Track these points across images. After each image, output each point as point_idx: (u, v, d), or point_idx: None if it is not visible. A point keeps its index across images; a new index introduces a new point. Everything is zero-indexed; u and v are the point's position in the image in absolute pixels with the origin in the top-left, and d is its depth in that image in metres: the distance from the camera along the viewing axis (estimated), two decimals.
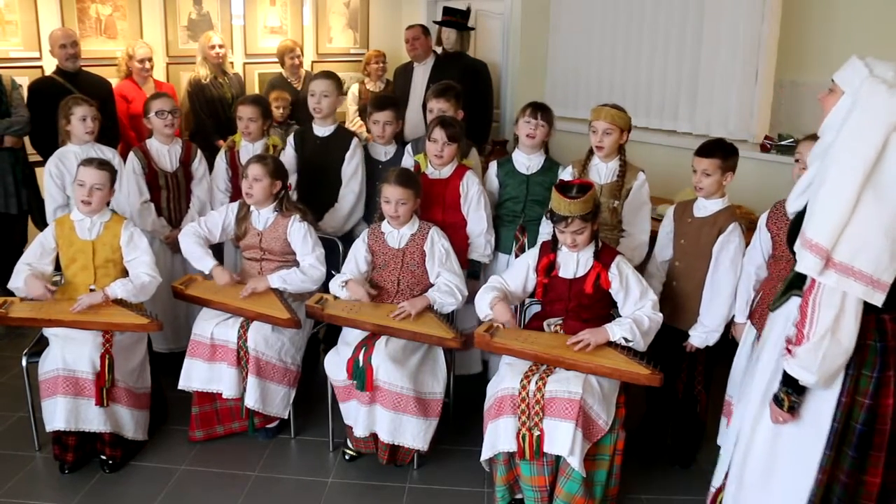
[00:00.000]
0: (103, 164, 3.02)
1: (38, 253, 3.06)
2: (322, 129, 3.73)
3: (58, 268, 3.12)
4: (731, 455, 2.28)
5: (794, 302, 2.06)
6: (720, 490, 2.34)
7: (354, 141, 3.69)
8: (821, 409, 1.98)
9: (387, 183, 3.04)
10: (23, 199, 4.15)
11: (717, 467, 2.45)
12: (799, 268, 1.91)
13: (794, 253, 2.01)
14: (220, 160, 3.79)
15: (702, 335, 2.84)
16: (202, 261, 3.25)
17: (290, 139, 3.77)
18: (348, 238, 3.58)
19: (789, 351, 1.94)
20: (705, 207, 2.87)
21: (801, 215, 2.01)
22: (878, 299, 1.85)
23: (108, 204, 3.09)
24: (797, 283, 2.04)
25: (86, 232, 3.04)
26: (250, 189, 3.19)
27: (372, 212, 3.53)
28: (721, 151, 2.81)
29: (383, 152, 3.77)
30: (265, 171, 3.19)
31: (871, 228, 1.82)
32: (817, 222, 1.87)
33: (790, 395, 1.97)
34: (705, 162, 2.81)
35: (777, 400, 2.00)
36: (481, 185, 3.32)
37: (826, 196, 1.85)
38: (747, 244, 2.81)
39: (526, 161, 3.35)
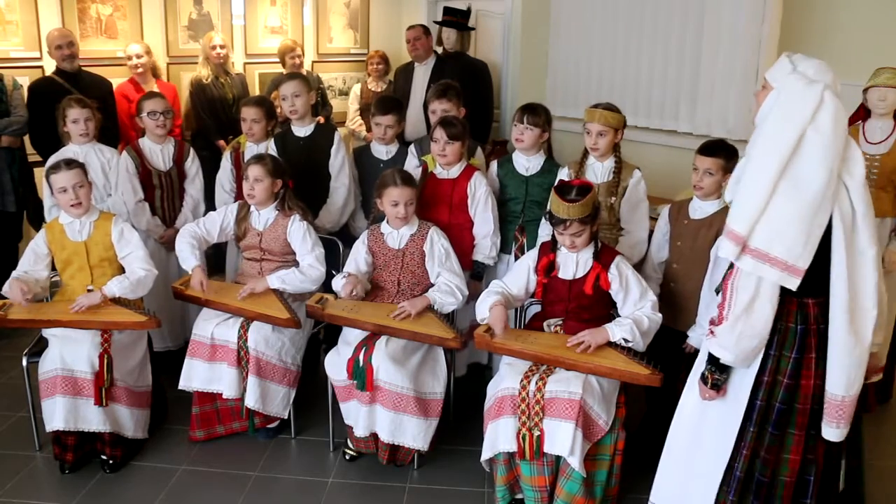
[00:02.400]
0: (71, 163, 3.01)
1: (31, 260, 3.06)
2: (302, 129, 3.74)
3: (56, 270, 3.12)
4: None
5: None
6: None
7: (337, 135, 3.72)
8: (740, 386, 2.12)
9: (392, 186, 3.02)
10: (20, 197, 4.16)
11: None
12: (720, 253, 2.05)
13: None
14: (226, 161, 3.79)
15: (702, 336, 2.83)
16: (187, 260, 3.23)
17: (271, 143, 3.75)
18: (348, 238, 3.59)
19: (711, 331, 2.07)
20: (701, 209, 2.87)
21: None
22: (792, 284, 1.95)
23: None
24: None
25: (76, 234, 3.04)
26: (252, 190, 3.20)
27: (370, 210, 3.54)
28: (724, 152, 2.82)
29: (385, 151, 3.77)
30: (265, 171, 3.19)
31: (786, 217, 1.93)
32: (736, 211, 1.99)
33: (713, 372, 2.11)
34: (709, 161, 2.81)
35: (703, 377, 2.14)
36: (489, 186, 3.32)
37: (744, 187, 1.97)
38: None
39: (525, 162, 3.35)
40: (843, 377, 1.99)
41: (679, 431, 2.30)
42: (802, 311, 2.04)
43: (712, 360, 2.10)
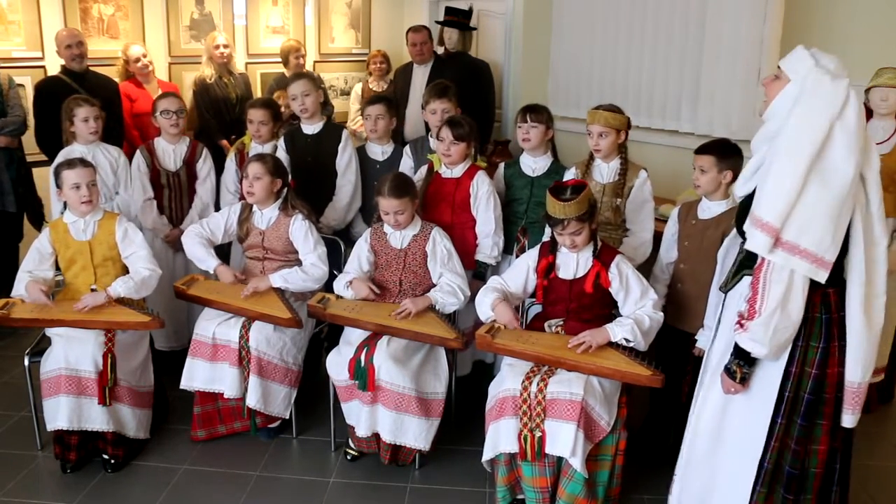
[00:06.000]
0: (85, 161, 3.03)
1: (36, 259, 3.06)
2: (311, 128, 3.75)
3: (59, 269, 3.12)
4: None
5: (747, 281, 2.17)
6: None
7: (345, 133, 3.74)
8: (768, 379, 2.12)
9: (381, 196, 3.03)
10: (20, 196, 4.17)
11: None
12: (748, 245, 2.04)
13: (742, 234, 2.14)
14: (230, 162, 3.80)
15: (710, 339, 2.83)
16: (205, 261, 3.26)
17: (280, 142, 3.76)
18: (350, 237, 3.59)
19: (741, 325, 2.06)
20: (709, 209, 2.87)
21: (748, 199, 2.13)
22: (821, 276, 1.99)
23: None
24: (747, 263, 2.16)
25: (80, 233, 3.04)
26: (251, 188, 3.20)
27: (370, 211, 3.53)
28: (717, 149, 2.82)
29: (380, 152, 3.77)
30: (265, 170, 3.20)
31: (815, 211, 1.96)
32: (768, 203, 1.99)
33: (742, 366, 2.10)
34: (701, 159, 2.83)
35: (729, 371, 2.13)
36: (492, 185, 3.32)
37: (776, 179, 1.98)
38: None
39: (532, 163, 3.36)
40: (859, 364, 2.07)
41: (700, 436, 2.28)
42: (825, 301, 2.07)
43: (741, 354, 2.09)
